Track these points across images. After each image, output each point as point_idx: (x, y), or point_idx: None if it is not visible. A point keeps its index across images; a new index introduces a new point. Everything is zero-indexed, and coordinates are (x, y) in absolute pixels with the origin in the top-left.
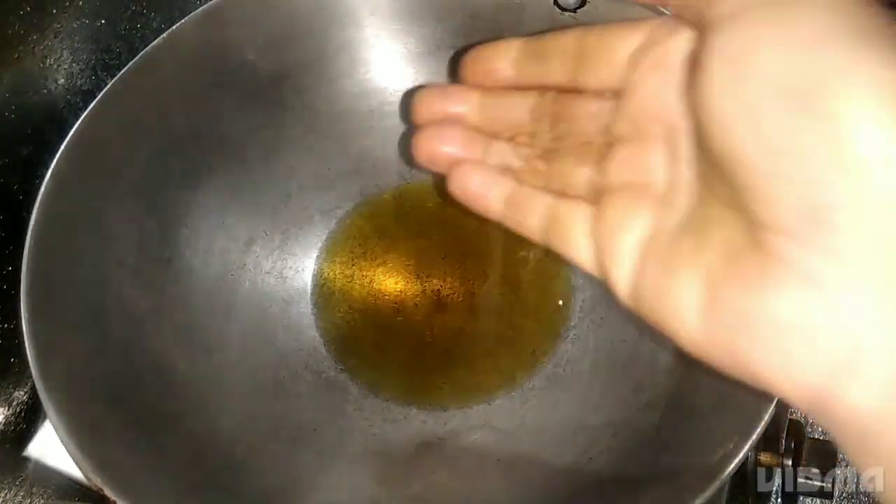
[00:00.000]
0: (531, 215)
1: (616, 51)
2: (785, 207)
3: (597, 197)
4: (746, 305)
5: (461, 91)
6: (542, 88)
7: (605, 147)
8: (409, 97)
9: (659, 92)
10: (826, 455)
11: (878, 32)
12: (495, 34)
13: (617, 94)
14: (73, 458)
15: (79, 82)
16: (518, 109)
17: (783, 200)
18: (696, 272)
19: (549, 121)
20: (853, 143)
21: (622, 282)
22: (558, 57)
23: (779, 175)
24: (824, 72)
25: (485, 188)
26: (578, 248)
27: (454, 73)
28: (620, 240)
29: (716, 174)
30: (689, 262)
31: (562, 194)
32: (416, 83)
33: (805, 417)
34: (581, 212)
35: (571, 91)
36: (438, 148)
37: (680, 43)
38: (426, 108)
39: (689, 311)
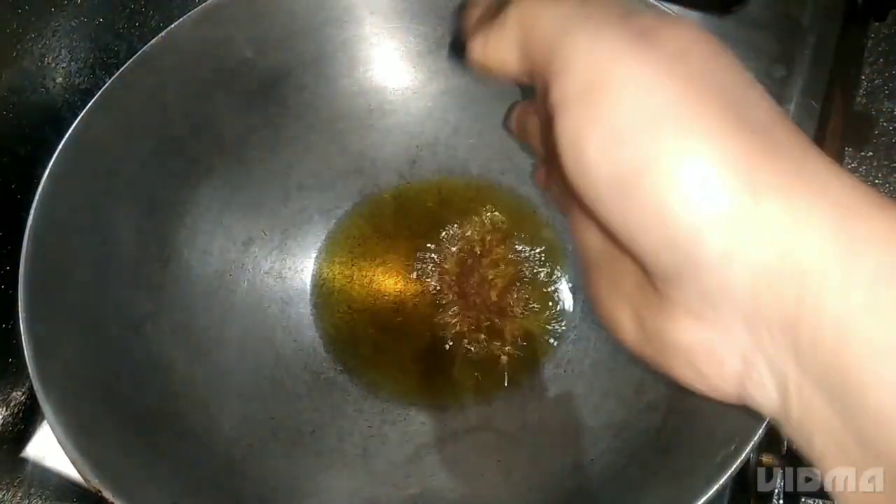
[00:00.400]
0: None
1: None
2: (652, 263)
3: None
4: (660, 330)
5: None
6: None
7: None
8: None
9: None
10: None
11: (685, 114)
12: None
13: None
14: (71, 460)
15: (77, 81)
16: None
17: (649, 259)
18: (622, 297)
19: None
20: (675, 223)
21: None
22: None
23: (636, 243)
24: (642, 161)
25: None
26: None
27: (454, 72)
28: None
29: None
30: (615, 289)
31: None
32: (416, 82)
33: None
34: None
35: None
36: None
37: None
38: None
39: (629, 327)
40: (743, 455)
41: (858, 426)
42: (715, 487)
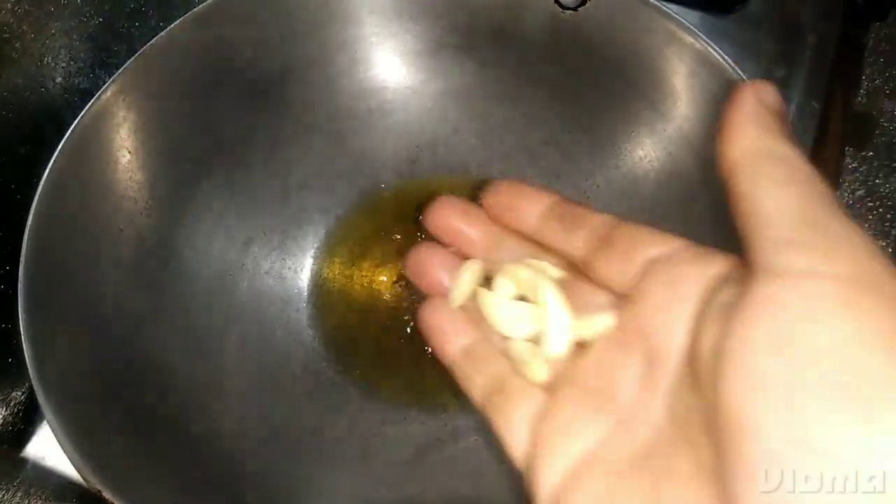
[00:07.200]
0: (481, 374)
1: (638, 251)
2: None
3: (555, 386)
4: None
5: (480, 220)
6: (554, 252)
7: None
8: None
9: (658, 312)
10: None
11: None
12: (495, 33)
13: (619, 296)
14: (71, 459)
15: (77, 81)
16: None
17: (789, 498)
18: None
19: None
20: None
21: (547, 488)
22: (586, 232)
23: (798, 470)
24: (893, 384)
25: (450, 329)
26: (514, 430)
27: (453, 72)
28: (561, 443)
29: (701, 428)
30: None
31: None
32: (416, 82)
33: None
34: (532, 394)
35: (579, 270)
36: (429, 268)
37: (701, 273)
38: (441, 218)
39: None
40: None
41: None
42: None
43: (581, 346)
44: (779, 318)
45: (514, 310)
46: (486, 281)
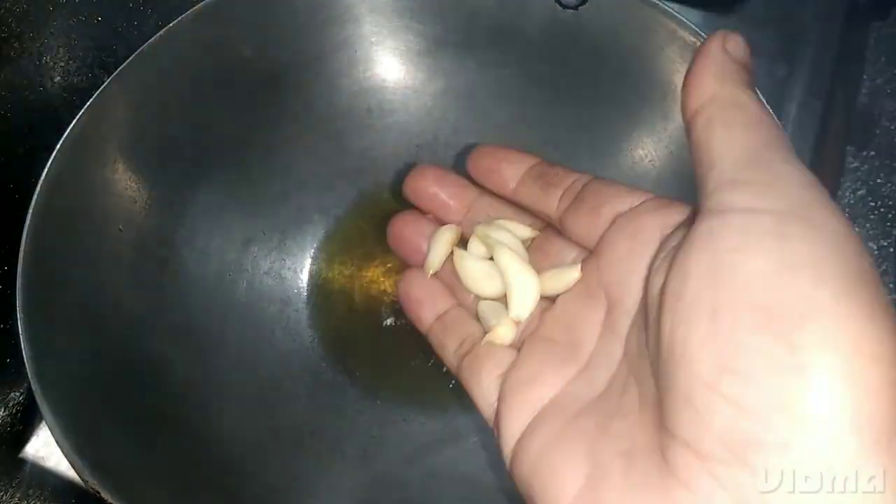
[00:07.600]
0: (453, 338)
1: (606, 206)
2: (710, 427)
3: (523, 341)
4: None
5: (456, 184)
6: (532, 212)
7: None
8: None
9: (620, 261)
10: None
11: (863, 275)
12: (496, 32)
13: (589, 251)
14: (69, 460)
15: (75, 80)
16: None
17: (712, 419)
18: (586, 457)
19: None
20: (811, 390)
21: (510, 439)
22: (561, 191)
23: (721, 392)
24: (812, 306)
25: (426, 298)
26: (484, 388)
27: (453, 71)
28: (525, 395)
29: (649, 365)
30: (583, 443)
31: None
32: (416, 81)
33: None
34: (502, 352)
35: (554, 228)
36: (407, 235)
37: (661, 222)
38: (418, 185)
39: (565, 493)
40: None
41: None
42: None
43: (549, 300)
44: (713, 251)
45: (484, 269)
46: (465, 244)
